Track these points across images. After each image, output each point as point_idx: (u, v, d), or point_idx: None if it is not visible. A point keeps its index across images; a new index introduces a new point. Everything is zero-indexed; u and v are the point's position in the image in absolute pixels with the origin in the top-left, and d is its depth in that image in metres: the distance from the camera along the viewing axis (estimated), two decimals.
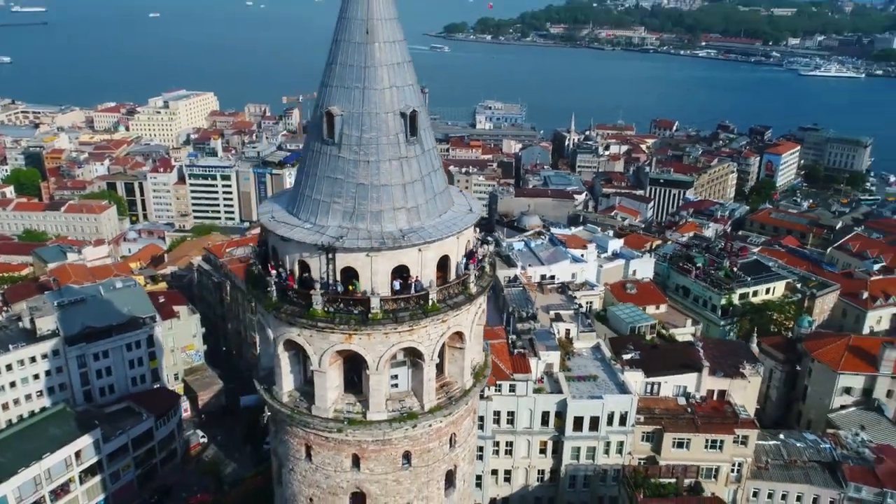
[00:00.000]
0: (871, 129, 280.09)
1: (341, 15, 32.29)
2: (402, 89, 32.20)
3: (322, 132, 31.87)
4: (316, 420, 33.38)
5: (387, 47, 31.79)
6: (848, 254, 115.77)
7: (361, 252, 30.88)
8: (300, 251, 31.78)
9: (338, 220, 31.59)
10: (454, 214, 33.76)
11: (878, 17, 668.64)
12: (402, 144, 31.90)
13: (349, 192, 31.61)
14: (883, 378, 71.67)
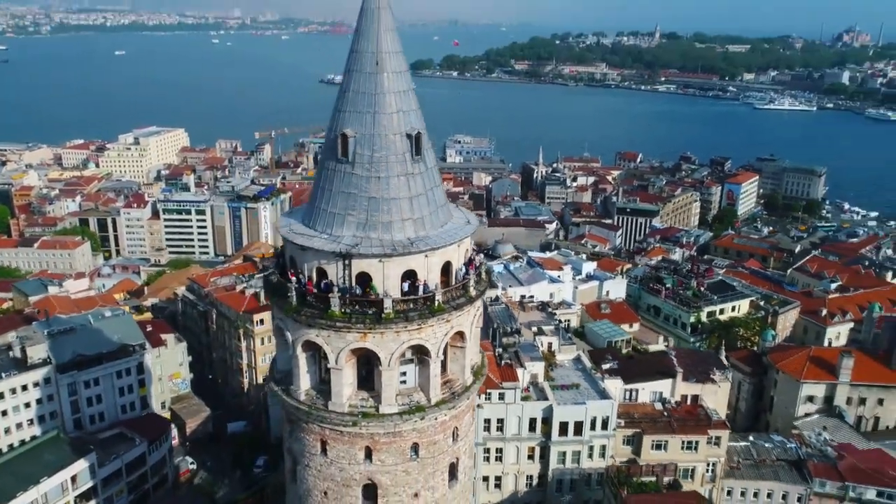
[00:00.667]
0: (824, 159, 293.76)
1: (353, 48, 36.08)
2: (407, 113, 35.97)
3: (337, 152, 35.36)
4: (333, 415, 36.23)
5: (394, 77, 35.63)
6: (807, 274, 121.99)
7: (375, 258, 34.25)
8: (318, 259, 35.00)
9: (352, 230, 34.97)
10: (455, 225, 37.43)
11: (827, 54, 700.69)
12: (408, 162, 35.55)
13: (362, 205, 35.07)
14: (842, 386, 76.33)
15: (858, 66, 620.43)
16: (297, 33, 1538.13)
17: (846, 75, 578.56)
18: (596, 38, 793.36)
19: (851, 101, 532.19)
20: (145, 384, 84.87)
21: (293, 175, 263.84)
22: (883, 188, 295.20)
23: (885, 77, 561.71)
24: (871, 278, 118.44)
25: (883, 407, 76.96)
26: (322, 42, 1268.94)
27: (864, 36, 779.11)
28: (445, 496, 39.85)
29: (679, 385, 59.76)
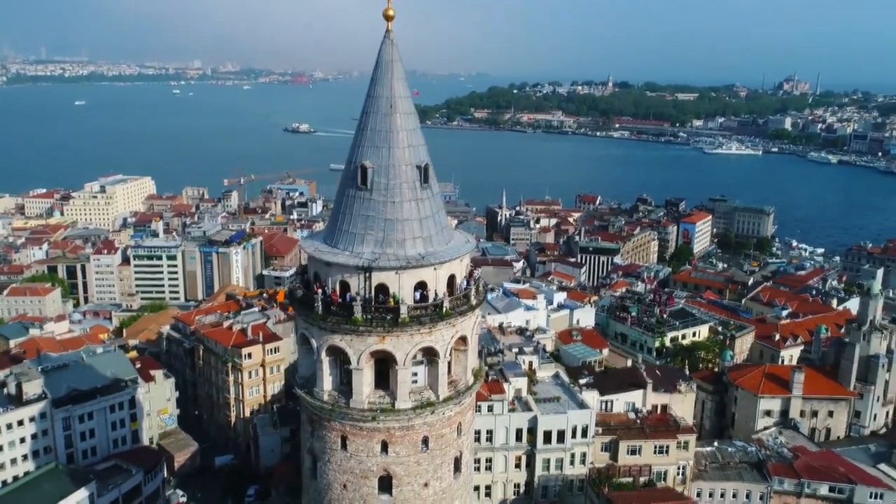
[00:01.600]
0: (771, 199, 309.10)
1: (370, 94, 42.00)
2: (416, 148, 41.80)
3: (357, 181, 40.89)
4: (353, 411, 40.90)
5: (405, 117, 41.57)
6: (760, 303, 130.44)
7: (392, 270, 39.57)
8: (342, 273, 40.14)
9: (371, 248, 40.29)
10: (457, 243, 43.08)
11: (769, 101, 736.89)
12: (418, 189, 41.24)
13: (379, 225, 40.51)
14: (795, 399, 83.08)
15: (799, 112, 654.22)
16: (259, 83, 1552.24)
17: (788, 121, 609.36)
18: (552, 88, 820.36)
19: (794, 145, 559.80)
20: (136, 418, 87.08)
21: (262, 220, 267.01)
22: (827, 226, 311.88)
23: (824, 123, 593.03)
24: (819, 305, 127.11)
25: (833, 418, 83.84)
26: (283, 92, 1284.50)
27: (803, 84, 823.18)
28: (451, 486, 44.51)
29: (649, 395, 65.52)
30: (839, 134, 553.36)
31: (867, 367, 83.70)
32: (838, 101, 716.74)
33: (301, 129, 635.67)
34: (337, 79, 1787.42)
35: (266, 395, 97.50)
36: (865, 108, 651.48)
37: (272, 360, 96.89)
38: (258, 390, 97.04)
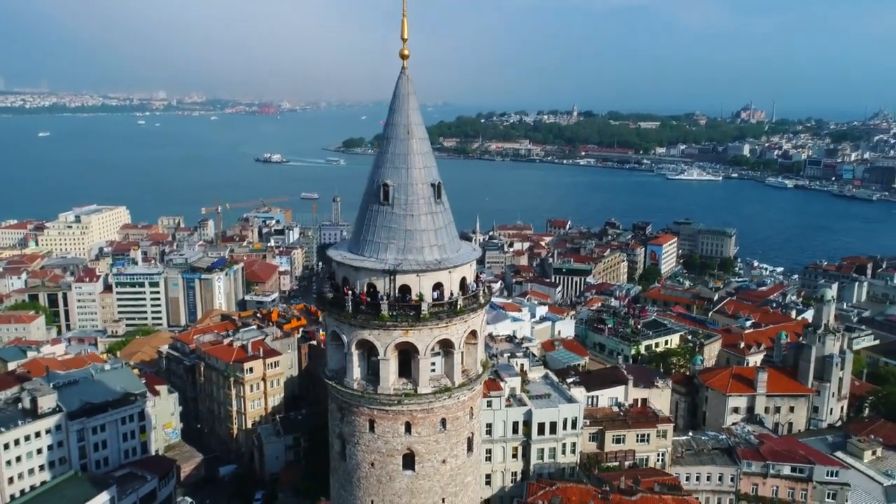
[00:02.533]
0: (732, 222, 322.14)
1: (389, 122, 48.79)
2: (430, 168, 48.62)
3: (379, 197, 47.52)
4: (381, 397, 46.94)
5: (419, 142, 48.42)
6: (725, 315, 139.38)
7: (413, 273, 46.05)
8: (369, 276, 46.47)
9: (393, 254, 46.76)
10: (466, 251, 49.77)
11: (728, 129, 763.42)
12: (432, 204, 47.96)
13: (400, 235, 47.07)
14: (760, 397, 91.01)
15: (756, 139, 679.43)
16: (225, 114, 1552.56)
17: (747, 148, 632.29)
18: (519, 117, 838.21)
19: (753, 171, 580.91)
20: (146, 430, 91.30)
21: (240, 248, 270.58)
22: (785, 246, 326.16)
23: (780, 149, 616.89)
24: (779, 316, 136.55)
25: (794, 413, 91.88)
26: (251, 122, 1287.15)
27: (760, 113, 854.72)
28: (465, 463, 50.66)
29: (630, 391, 72.41)
30: (794, 160, 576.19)
31: (823, 367, 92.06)
32: (793, 128, 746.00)
33: (273, 160, 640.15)
34: (305, 109, 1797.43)
35: (267, 407, 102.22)
36: (818, 135, 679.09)
37: (272, 374, 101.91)
38: (259, 403, 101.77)
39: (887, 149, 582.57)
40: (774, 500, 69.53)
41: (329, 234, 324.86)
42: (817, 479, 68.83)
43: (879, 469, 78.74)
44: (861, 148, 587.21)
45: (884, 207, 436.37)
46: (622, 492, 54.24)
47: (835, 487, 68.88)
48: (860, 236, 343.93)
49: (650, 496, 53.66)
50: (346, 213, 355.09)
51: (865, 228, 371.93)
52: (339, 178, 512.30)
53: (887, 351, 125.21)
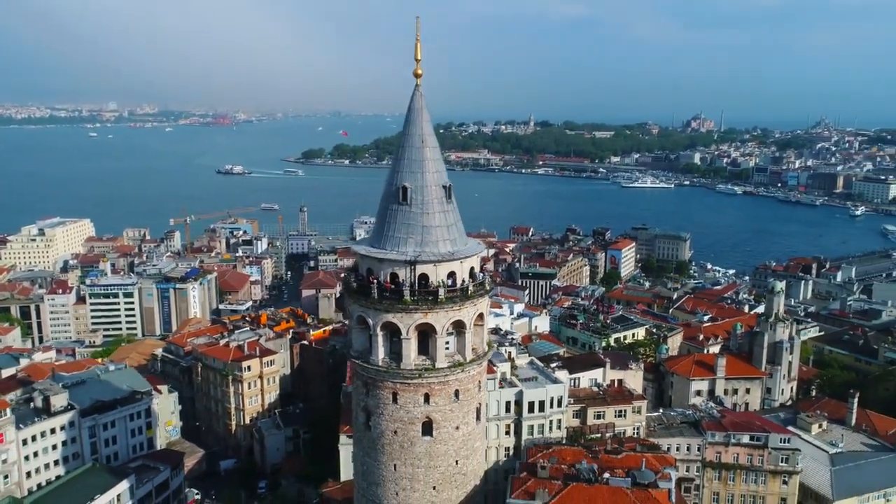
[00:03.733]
0: (686, 227, 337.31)
1: (405, 132, 56.19)
2: (441, 173, 56.14)
3: (398, 198, 54.76)
4: (404, 371, 54.08)
5: (432, 150, 55.90)
6: (685, 311, 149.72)
7: (431, 263, 53.43)
8: (392, 267, 53.67)
9: (412, 248, 54.05)
10: (473, 244, 57.43)
11: (679, 138, 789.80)
12: (444, 203, 55.45)
13: (418, 231, 54.38)
14: (720, 380, 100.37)
15: (706, 148, 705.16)
16: (180, 125, 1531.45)
17: (697, 156, 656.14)
18: (477, 127, 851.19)
19: (704, 178, 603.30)
20: (152, 426, 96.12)
21: (210, 258, 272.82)
22: (736, 249, 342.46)
23: (729, 157, 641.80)
24: (733, 311, 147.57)
25: (749, 394, 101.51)
26: (207, 134, 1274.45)
27: (709, 122, 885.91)
28: (474, 430, 58.11)
29: (608, 372, 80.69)
30: (743, 167, 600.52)
31: (774, 352, 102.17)
32: (740, 137, 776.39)
33: (234, 171, 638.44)
34: (261, 120, 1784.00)
35: (264, 403, 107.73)
36: (765, 144, 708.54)
37: (269, 372, 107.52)
38: (256, 400, 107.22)
39: (829, 156, 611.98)
40: (735, 465, 78.44)
41: (296, 243, 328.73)
42: (772, 445, 77.79)
43: (825, 440, 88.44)
44: (804, 155, 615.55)
45: (826, 212, 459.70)
46: (608, 452, 62.15)
47: (787, 452, 77.96)
48: (805, 239, 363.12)
49: (633, 454, 61.62)
50: (313, 222, 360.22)
51: (809, 232, 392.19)
52: (300, 189, 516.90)
53: (830, 340, 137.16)
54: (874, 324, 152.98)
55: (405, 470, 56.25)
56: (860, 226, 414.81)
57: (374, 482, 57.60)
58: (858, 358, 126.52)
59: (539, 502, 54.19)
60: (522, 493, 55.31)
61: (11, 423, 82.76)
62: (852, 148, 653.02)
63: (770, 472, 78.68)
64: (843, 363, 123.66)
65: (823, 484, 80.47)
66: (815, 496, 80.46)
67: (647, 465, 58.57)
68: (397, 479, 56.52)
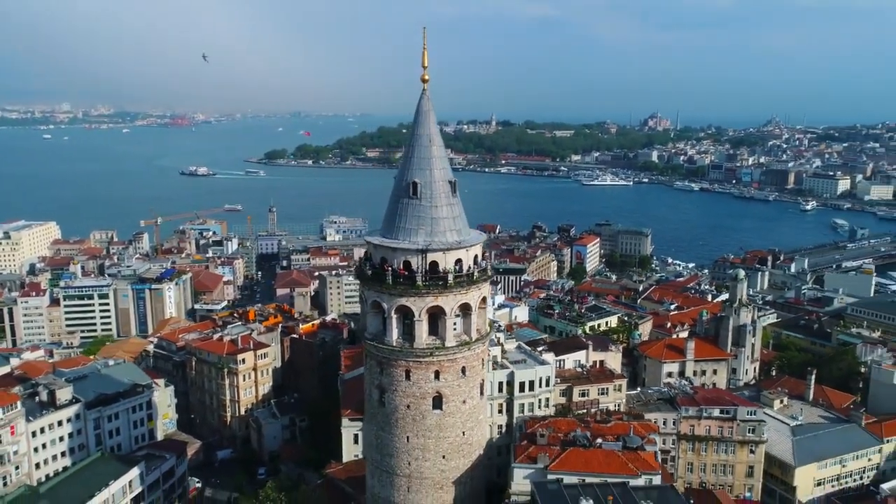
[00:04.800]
0: (645, 224, 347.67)
1: (414, 133, 61.62)
2: (446, 169, 61.69)
3: (409, 193, 60.09)
4: (417, 350, 59.46)
5: (438, 148, 61.46)
6: (652, 301, 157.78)
7: (440, 251, 58.92)
8: (405, 255, 58.98)
9: (422, 237, 59.44)
10: (475, 234, 63.15)
11: (637, 136, 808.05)
12: (450, 197, 61.02)
13: (427, 222, 59.81)
14: (689, 362, 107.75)
15: (663, 146, 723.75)
16: (137, 126, 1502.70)
17: (655, 154, 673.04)
18: (439, 127, 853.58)
19: (662, 175, 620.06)
20: (153, 418, 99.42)
21: (181, 259, 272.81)
22: (695, 243, 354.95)
23: (685, 155, 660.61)
24: (697, 300, 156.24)
25: (717, 375, 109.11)
26: (165, 135, 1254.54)
27: (665, 121, 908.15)
28: (478, 404, 63.84)
29: (590, 354, 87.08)
30: (699, 165, 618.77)
31: (739, 335, 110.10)
32: (696, 135, 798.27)
33: (199, 172, 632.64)
34: (220, 121, 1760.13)
35: (258, 394, 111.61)
36: (719, 142, 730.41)
37: (262, 364, 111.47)
38: (251, 391, 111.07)
39: (780, 153, 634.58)
40: (707, 437, 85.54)
41: (266, 244, 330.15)
42: (740, 418, 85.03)
43: (786, 414, 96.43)
44: (757, 153, 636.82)
45: (779, 207, 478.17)
46: (599, 421, 68.38)
47: (754, 424, 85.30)
48: (759, 233, 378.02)
49: (621, 423, 67.91)
50: (281, 223, 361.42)
51: (764, 226, 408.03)
52: (263, 190, 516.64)
53: (787, 326, 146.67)
54: (827, 310, 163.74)
55: (417, 441, 61.73)
56: (811, 220, 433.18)
57: (389, 454, 62.91)
58: (813, 341, 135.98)
59: (541, 465, 60.04)
60: (525, 458, 61.08)
61: (21, 415, 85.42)
62: (802, 145, 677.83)
63: (739, 443, 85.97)
64: (799, 346, 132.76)
65: (786, 452, 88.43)
66: (779, 463, 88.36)
67: (634, 431, 65.03)
68: (410, 450, 61.97)
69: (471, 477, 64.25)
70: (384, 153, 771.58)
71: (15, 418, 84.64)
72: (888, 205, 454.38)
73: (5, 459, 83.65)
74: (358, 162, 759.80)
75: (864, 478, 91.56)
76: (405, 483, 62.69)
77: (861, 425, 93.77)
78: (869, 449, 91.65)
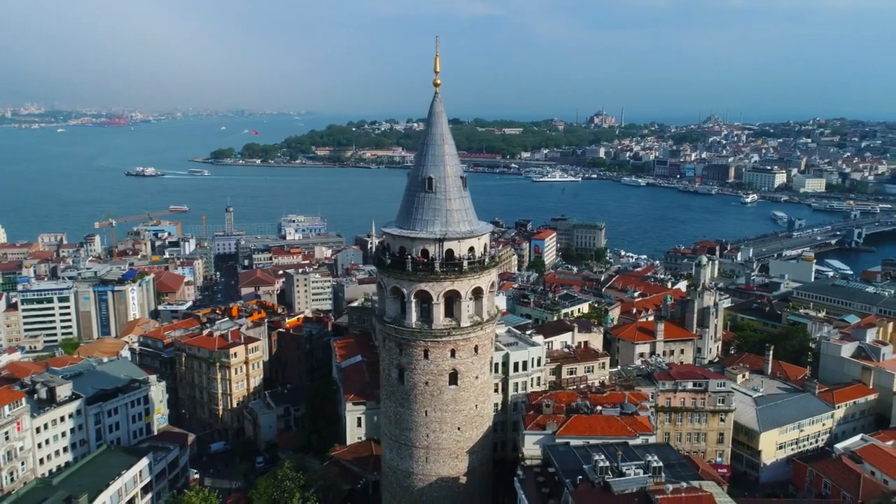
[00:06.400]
0: (596, 218, 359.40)
1: (428, 131, 66.63)
2: (458, 166, 66.95)
3: (424, 187, 65.05)
4: (435, 331, 64.54)
5: (450, 146, 66.63)
6: (616, 290, 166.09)
7: (456, 240, 64.16)
8: (423, 244, 63.96)
9: (438, 227, 64.54)
10: (484, 224, 68.57)
11: (584, 133, 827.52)
12: (461, 191, 66.32)
13: (442, 214, 64.93)
14: (659, 343, 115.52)
15: (609, 143, 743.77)
16: (71, 126, 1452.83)
17: (602, 151, 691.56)
18: (389, 125, 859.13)
19: (609, 171, 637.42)
20: (149, 412, 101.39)
21: (139, 261, 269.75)
22: (645, 236, 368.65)
23: (631, 151, 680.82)
24: (658, 287, 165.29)
25: (684, 354, 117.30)
26: (103, 134, 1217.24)
27: (610, 118, 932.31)
28: (489, 379, 69.46)
29: (576, 335, 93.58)
30: (644, 160, 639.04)
31: (703, 316, 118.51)
32: (640, 132, 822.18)
33: (147, 173, 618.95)
34: (159, 120, 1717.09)
35: (249, 387, 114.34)
36: (662, 138, 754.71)
37: (253, 358, 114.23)
38: (242, 384, 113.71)
39: (720, 149, 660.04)
40: (682, 408, 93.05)
41: (223, 244, 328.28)
42: (711, 389, 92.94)
43: (748, 387, 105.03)
44: (699, 148, 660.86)
45: (722, 200, 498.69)
46: (595, 392, 74.74)
47: (723, 394, 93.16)
48: (705, 225, 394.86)
49: (615, 393, 74.44)
50: (238, 223, 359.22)
51: (708, 218, 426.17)
52: (211, 190, 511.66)
53: (741, 309, 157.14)
54: (775, 294, 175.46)
55: (435, 415, 66.93)
56: (751, 212, 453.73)
57: (408, 427, 67.88)
58: (765, 322, 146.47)
59: (550, 431, 65.92)
60: (535, 426, 66.80)
61: (26, 412, 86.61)
62: (740, 141, 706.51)
63: (710, 412, 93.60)
64: (753, 327, 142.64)
65: (751, 420, 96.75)
66: (745, 430, 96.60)
67: (628, 399, 71.59)
68: (428, 423, 67.14)
69: (482, 446, 69.88)
70: (334, 151, 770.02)
71: (20, 415, 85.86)
72: (821, 197, 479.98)
73: (13, 455, 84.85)
74: (308, 161, 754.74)
75: (818, 440, 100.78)
76: (423, 454, 67.75)
77: (815, 394, 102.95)
78: (823, 415, 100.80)
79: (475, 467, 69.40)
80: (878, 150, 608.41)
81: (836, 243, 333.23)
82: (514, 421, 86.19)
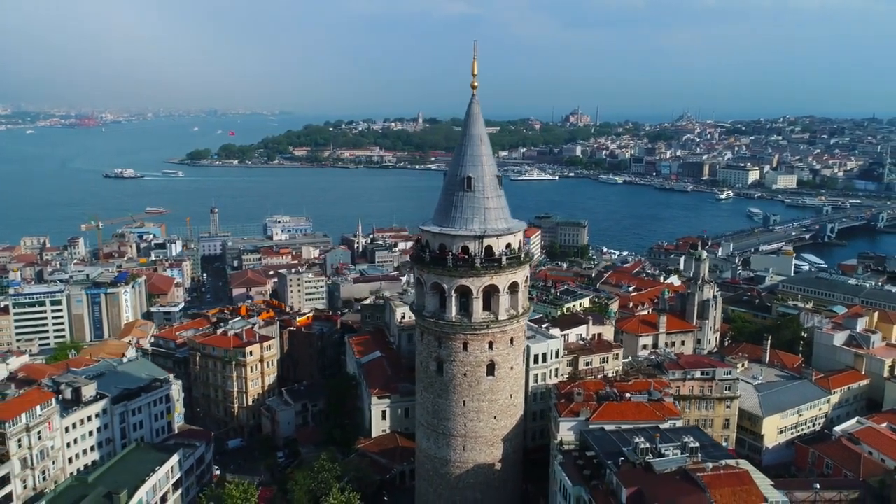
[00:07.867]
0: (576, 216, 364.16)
1: (466, 132, 69.57)
2: (493, 165, 70.06)
3: (464, 186, 68.00)
4: (474, 324, 67.55)
5: (487, 147, 69.73)
6: (611, 285, 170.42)
7: (494, 236, 67.26)
8: (464, 241, 66.90)
9: (477, 225, 67.56)
10: (518, 222, 71.78)
11: (560, 132, 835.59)
12: (497, 189, 69.49)
13: (480, 212, 67.97)
14: (661, 335, 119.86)
15: (586, 141, 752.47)
16: (40, 127, 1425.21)
17: (579, 149, 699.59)
18: (367, 125, 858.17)
19: (587, 169, 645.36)
20: (170, 411, 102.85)
21: (127, 263, 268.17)
22: (626, 233, 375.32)
23: (607, 150, 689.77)
24: (651, 282, 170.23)
25: (685, 345, 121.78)
26: (73, 136, 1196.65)
27: (585, 117, 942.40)
28: (522, 370, 72.82)
29: (590, 328, 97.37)
30: (620, 158, 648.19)
31: (703, 309, 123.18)
32: (615, 130, 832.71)
33: (125, 175, 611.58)
34: (130, 120, 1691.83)
35: (264, 385, 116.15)
36: (637, 136, 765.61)
37: (268, 356, 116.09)
38: (258, 382, 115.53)
39: (694, 146, 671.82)
40: (691, 395, 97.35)
41: (209, 245, 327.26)
42: (718, 378, 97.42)
43: (748, 375, 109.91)
44: (673, 146, 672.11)
45: (697, 197, 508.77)
46: (619, 380, 78.49)
47: (729, 382, 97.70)
48: (683, 221, 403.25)
49: (639, 380, 78.28)
50: (223, 224, 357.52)
51: (685, 215, 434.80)
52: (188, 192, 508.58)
53: (733, 302, 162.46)
54: (762, 287, 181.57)
55: (472, 405, 69.97)
56: (727, 208, 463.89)
57: (446, 417, 70.81)
58: (756, 314, 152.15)
59: (583, 417, 69.38)
60: (569, 413, 70.18)
61: (57, 412, 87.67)
62: (713, 139, 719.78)
63: (717, 399, 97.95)
64: (744, 318, 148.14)
65: (755, 406, 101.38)
66: (749, 416, 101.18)
67: (653, 387, 75.44)
68: (466, 413, 70.14)
69: (515, 434, 73.16)
70: (312, 152, 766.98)
71: (51, 415, 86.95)
72: (793, 193, 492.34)
73: (45, 454, 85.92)
74: (286, 161, 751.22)
75: (816, 424, 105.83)
76: (461, 442, 70.76)
77: (812, 380, 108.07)
78: (820, 400, 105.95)
79: (509, 454, 72.62)
80: (847, 146, 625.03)
81: (810, 238, 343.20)
82: (533, 411, 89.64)
